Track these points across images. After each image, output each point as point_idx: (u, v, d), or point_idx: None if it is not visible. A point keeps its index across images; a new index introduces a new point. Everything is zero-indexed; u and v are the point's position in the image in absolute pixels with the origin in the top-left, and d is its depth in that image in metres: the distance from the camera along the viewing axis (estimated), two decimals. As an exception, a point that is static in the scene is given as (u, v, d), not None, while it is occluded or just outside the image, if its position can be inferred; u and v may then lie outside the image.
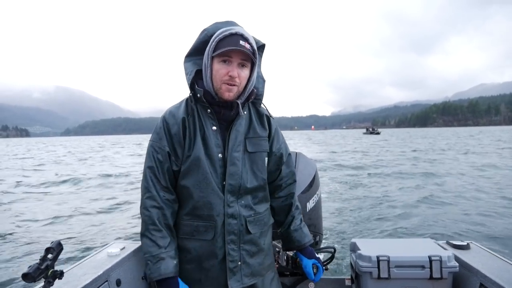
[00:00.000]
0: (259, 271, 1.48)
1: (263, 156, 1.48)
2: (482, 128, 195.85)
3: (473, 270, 1.79)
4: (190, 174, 1.36)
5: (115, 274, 1.75)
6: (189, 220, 1.39)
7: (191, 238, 1.39)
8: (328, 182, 12.80)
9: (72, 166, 22.94)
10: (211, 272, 1.40)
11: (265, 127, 1.51)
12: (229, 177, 1.37)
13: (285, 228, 1.63)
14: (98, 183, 14.38)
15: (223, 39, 1.28)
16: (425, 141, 45.31)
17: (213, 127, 1.38)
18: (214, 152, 1.36)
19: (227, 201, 1.37)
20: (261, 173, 1.47)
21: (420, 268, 1.85)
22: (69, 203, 10.14)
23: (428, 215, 7.76)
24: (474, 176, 13.36)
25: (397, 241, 2.22)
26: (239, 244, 1.41)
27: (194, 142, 1.36)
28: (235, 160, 1.38)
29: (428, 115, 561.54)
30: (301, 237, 1.62)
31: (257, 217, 1.47)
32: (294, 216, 1.63)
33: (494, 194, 9.98)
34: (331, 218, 7.45)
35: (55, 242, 1.25)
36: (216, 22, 1.38)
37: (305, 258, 1.64)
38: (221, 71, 1.31)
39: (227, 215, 1.37)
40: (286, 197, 1.62)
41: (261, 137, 1.47)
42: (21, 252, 5.80)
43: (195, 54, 1.40)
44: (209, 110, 1.38)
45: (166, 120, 1.39)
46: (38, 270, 1.14)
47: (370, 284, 1.89)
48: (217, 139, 1.38)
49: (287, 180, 1.62)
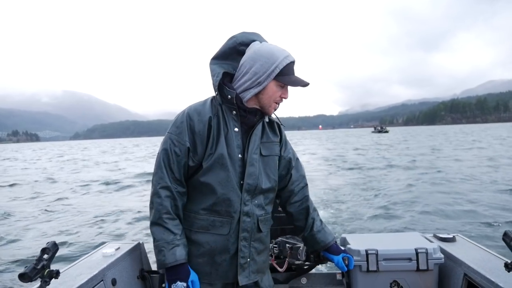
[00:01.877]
0: (262, 268, 1.57)
1: (275, 160, 1.59)
2: (491, 125, 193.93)
3: (457, 261, 1.83)
4: (213, 171, 1.41)
5: (110, 274, 1.78)
6: (206, 215, 1.44)
7: (206, 232, 1.44)
8: (319, 180, 12.92)
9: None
10: (221, 267, 1.45)
11: (276, 133, 1.61)
12: (247, 177, 1.44)
13: (308, 232, 1.69)
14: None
15: (286, 66, 1.40)
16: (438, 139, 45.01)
17: (235, 129, 1.45)
18: (235, 152, 1.43)
19: (244, 199, 1.45)
20: (273, 175, 1.56)
21: (407, 260, 1.89)
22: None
23: (417, 209, 7.89)
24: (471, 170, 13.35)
25: (385, 235, 2.28)
26: (250, 241, 1.49)
27: (218, 141, 1.41)
28: (254, 162, 1.46)
29: (436, 113, 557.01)
30: (325, 237, 1.69)
31: (267, 217, 1.57)
32: (314, 218, 1.70)
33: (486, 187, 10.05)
34: (321, 215, 7.55)
35: (51, 242, 1.27)
36: (244, 32, 1.47)
37: (335, 256, 1.71)
38: (277, 93, 1.44)
39: (243, 213, 1.45)
40: (302, 201, 1.69)
41: (273, 142, 1.58)
42: (18, 253, 5.97)
43: (221, 58, 1.47)
44: (235, 112, 1.45)
45: (190, 116, 1.43)
46: (34, 270, 1.16)
47: (360, 277, 1.95)
48: (238, 140, 1.45)
49: (299, 183, 1.70)
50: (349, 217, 7.48)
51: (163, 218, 1.38)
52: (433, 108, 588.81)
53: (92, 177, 17.87)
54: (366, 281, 1.94)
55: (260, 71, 1.39)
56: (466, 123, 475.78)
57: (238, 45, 1.44)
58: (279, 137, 1.62)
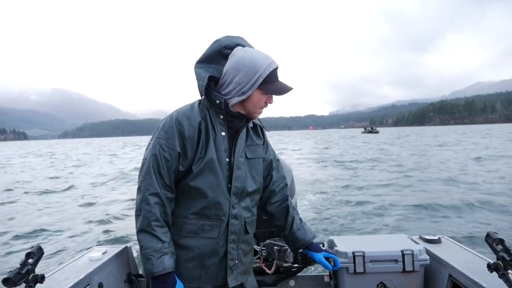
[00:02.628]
0: (248, 269, 1.60)
1: (260, 162, 1.61)
2: (478, 127, 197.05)
3: (442, 262, 1.85)
4: (203, 175, 1.41)
5: (97, 278, 1.77)
6: (195, 219, 1.44)
7: (195, 236, 1.44)
8: (306, 182, 12.98)
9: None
10: (211, 270, 1.46)
11: (260, 136, 1.63)
12: (235, 180, 1.46)
13: (288, 230, 1.70)
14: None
15: (269, 75, 1.41)
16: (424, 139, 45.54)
17: (222, 133, 1.46)
18: (223, 156, 1.44)
19: (232, 202, 1.46)
20: (259, 177, 1.59)
21: (393, 262, 1.92)
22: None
23: (404, 211, 7.97)
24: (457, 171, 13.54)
25: (372, 237, 2.31)
26: (238, 243, 1.50)
27: (208, 145, 1.42)
28: (240, 165, 1.48)
29: (425, 113, 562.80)
30: (305, 234, 1.70)
31: (253, 219, 1.59)
32: (293, 217, 1.71)
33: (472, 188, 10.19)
34: (309, 217, 7.63)
35: (36, 246, 1.25)
36: (228, 36, 1.47)
37: (316, 253, 1.72)
38: (262, 100, 1.45)
39: (231, 216, 1.46)
40: (282, 201, 1.71)
41: (257, 145, 1.60)
42: (2, 257, 5.87)
43: (206, 62, 1.47)
44: (222, 117, 1.46)
45: (179, 120, 1.42)
46: (18, 274, 1.13)
47: (347, 279, 1.96)
48: (225, 144, 1.46)
49: (279, 184, 1.73)
50: (336, 219, 7.52)
51: (152, 225, 1.35)
52: (422, 109, 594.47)
53: (78, 177, 17.68)
54: (353, 283, 1.96)
55: (243, 81, 1.40)
56: (454, 124, 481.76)
57: (222, 49, 1.45)
58: (262, 140, 1.64)
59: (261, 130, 1.66)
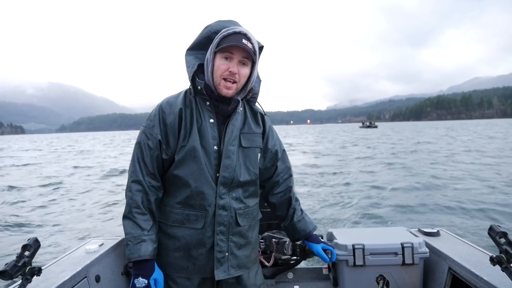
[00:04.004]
0: (245, 264, 1.52)
1: (256, 152, 1.53)
2: (473, 121, 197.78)
3: (442, 255, 1.84)
4: (185, 164, 1.39)
5: (94, 270, 1.75)
6: (180, 209, 1.42)
7: (181, 226, 1.42)
8: (305, 174, 13.03)
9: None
10: (198, 261, 1.43)
11: (259, 124, 1.57)
12: (223, 170, 1.40)
13: (288, 221, 1.68)
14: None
15: (227, 36, 1.34)
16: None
17: (210, 120, 1.42)
18: (210, 144, 1.40)
19: (219, 192, 1.41)
20: (253, 168, 1.51)
21: (393, 254, 1.91)
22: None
23: (402, 204, 8.01)
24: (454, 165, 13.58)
25: (371, 230, 2.30)
26: (228, 235, 1.44)
27: (190, 133, 1.39)
28: (230, 154, 1.42)
29: (422, 109, 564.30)
30: (305, 226, 1.69)
31: (247, 211, 1.51)
32: (295, 208, 1.68)
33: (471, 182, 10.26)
34: (308, 210, 7.65)
35: (32, 239, 1.24)
36: (219, 20, 1.43)
37: (314, 245, 1.71)
38: (222, 66, 1.35)
39: (218, 206, 1.41)
40: (285, 192, 1.68)
41: (255, 133, 1.53)
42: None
43: (197, 48, 1.45)
44: (208, 103, 1.42)
45: (163, 108, 1.42)
46: (15, 267, 1.13)
47: (346, 272, 1.95)
48: (213, 131, 1.41)
49: (284, 175, 1.68)
50: (336, 211, 7.54)
51: (132, 212, 1.36)
52: (419, 104, 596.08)
53: (75, 169, 17.63)
54: (353, 276, 1.95)
55: (210, 49, 1.38)
56: (451, 119, 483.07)
57: (213, 34, 1.40)
58: (261, 129, 1.57)
59: (262, 118, 1.60)
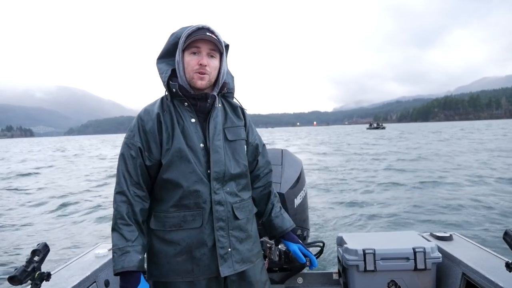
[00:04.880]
0: (249, 258, 1.51)
1: (242, 144, 1.56)
2: (481, 122, 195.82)
3: (455, 260, 1.82)
4: (173, 166, 1.39)
5: (103, 275, 1.76)
6: (175, 212, 1.41)
7: (179, 229, 1.41)
8: (315, 177, 12.94)
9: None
10: (202, 261, 1.41)
11: (240, 117, 1.60)
12: (213, 165, 1.42)
13: (266, 217, 1.67)
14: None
15: (191, 33, 1.40)
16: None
17: (192, 120, 1.44)
18: (195, 143, 1.42)
19: (213, 188, 1.42)
20: (242, 160, 1.53)
21: (405, 260, 1.89)
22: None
23: (414, 207, 7.89)
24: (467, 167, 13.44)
25: (382, 234, 2.27)
26: (227, 230, 1.45)
27: (173, 135, 1.41)
28: (218, 148, 1.44)
29: (429, 109, 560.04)
30: (282, 222, 1.66)
31: (243, 204, 1.52)
32: (273, 203, 1.68)
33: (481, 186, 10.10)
34: (318, 213, 7.60)
35: (41, 244, 1.24)
36: (182, 27, 1.48)
37: (291, 243, 1.67)
38: (192, 62, 1.40)
39: (214, 202, 1.42)
40: (264, 187, 1.68)
41: (238, 126, 1.56)
42: (7, 255, 5.85)
43: (166, 56, 1.49)
44: (186, 103, 1.45)
45: (141, 117, 1.44)
46: (24, 272, 1.13)
47: (357, 277, 1.93)
48: (197, 130, 1.44)
49: (264, 169, 1.69)
50: (346, 215, 7.47)
51: (118, 223, 1.36)
52: (426, 105, 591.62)
53: (81, 176, 17.76)
54: (363, 281, 1.92)
55: (178, 50, 1.43)
56: (459, 120, 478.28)
57: (179, 40, 1.44)
58: (243, 121, 1.60)
59: (242, 111, 1.63)
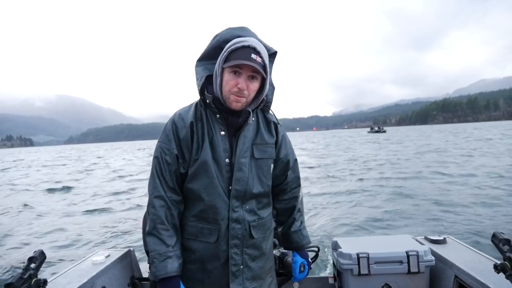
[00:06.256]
0: (260, 275, 1.50)
1: (269, 163, 1.51)
2: (480, 124, 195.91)
3: (448, 263, 1.83)
4: (198, 178, 1.39)
5: (100, 282, 1.77)
6: (194, 222, 1.42)
7: (195, 239, 1.42)
8: (310, 183, 12.96)
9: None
10: (213, 274, 1.42)
11: (272, 134, 1.54)
12: (235, 183, 1.39)
13: (285, 229, 1.69)
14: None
15: (235, 51, 1.30)
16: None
17: (221, 132, 1.40)
18: (221, 157, 1.39)
19: (232, 206, 1.40)
20: (266, 179, 1.50)
21: (398, 263, 1.90)
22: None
23: (408, 211, 7.91)
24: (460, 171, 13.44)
25: (376, 238, 2.29)
26: (242, 248, 1.43)
27: (202, 146, 1.38)
28: (242, 166, 1.40)
29: (428, 112, 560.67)
30: (300, 239, 1.68)
31: (261, 222, 1.49)
32: (295, 218, 1.69)
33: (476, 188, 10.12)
34: (314, 218, 7.62)
35: (38, 251, 1.25)
36: (229, 28, 1.40)
37: (298, 257, 1.70)
38: (231, 82, 1.33)
39: (232, 220, 1.39)
40: (290, 200, 1.68)
41: (268, 144, 1.50)
42: (4, 262, 5.85)
43: (207, 58, 1.43)
44: (218, 116, 1.40)
45: (176, 122, 1.41)
46: (21, 279, 1.13)
47: (352, 281, 1.95)
48: (225, 144, 1.40)
49: (292, 184, 1.68)
50: (340, 220, 7.47)
51: (157, 228, 1.35)
52: (425, 108, 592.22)
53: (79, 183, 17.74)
54: (358, 285, 1.94)
55: (218, 63, 1.36)
56: (457, 122, 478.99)
57: (222, 43, 1.38)
58: (275, 139, 1.54)
59: (275, 127, 1.56)
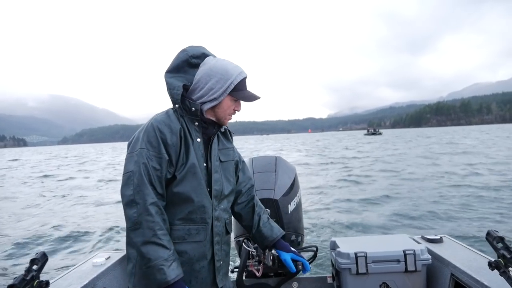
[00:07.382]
0: (227, 271, 1.68)
1: (232, 164, 1.69)
2: (473, 127, 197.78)
3: (444, 261, 1.86)
4: (187, 180, 1.45)
5: (101, 284, 1.77)
6: (180, 225, 1.46)
7: (183, 241, 1.46)
8: (308, 183, 13.02)
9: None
10: (201, 274, 1.50)
11: (229, 139, 1.73)
12: (214, 183, 1.53)
13: (255, 229, 1.74)
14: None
15: (240, 82, 1.51)
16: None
17: (197, 139, 1.52)
18: (201, 161, 1.50)
19: (214, 205, 1.52)
20: (232, 178, 1.67)
21: (395, 262, 1.93)
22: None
23: (406, 211, 7.99)
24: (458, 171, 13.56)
25: (374, 237, 2.32)
26: (221, 244, 1.57)
27: (189, 151, 1.47)
28: (217, 169, 1.56)
29: (422, 115, 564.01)
30: (271, 230, 1.74)
31: (230, 219, 1.69)
32: (260, 215, 1.76)
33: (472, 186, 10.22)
34: (313, 219, 7.67)
35: (40, 253, 1.25)
36: (191, 46, 1.56)
37: (283, 252, 1.73)
38: (232, 107, 1.55)
39: (214, 218, 1.53)
40: (248, 201, 1.77)
41: (228, 148, 1.69)
42: (7, 264, 5.86)
43: (175, 71, 1.54)
44: (197, 123, 1.52)
45: (160, 129, 1.43)
46: (23, 281, 1.14)
47: (350, 280, 1.97)
48: (201, 150, 1.52)
49: (246, 184, 1.78)
50: (338, 220, 7.53)
51: (158, 235, 1.34)
52: (419, 110, 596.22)
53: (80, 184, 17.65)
54: (356, 284, 1.96)
55: (215, 87, 1.48)
56: (450, 125, 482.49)
57: (190, 58, 1.52)
58: (231, 143, 1.74)
59: (230, 134, 1.75)
